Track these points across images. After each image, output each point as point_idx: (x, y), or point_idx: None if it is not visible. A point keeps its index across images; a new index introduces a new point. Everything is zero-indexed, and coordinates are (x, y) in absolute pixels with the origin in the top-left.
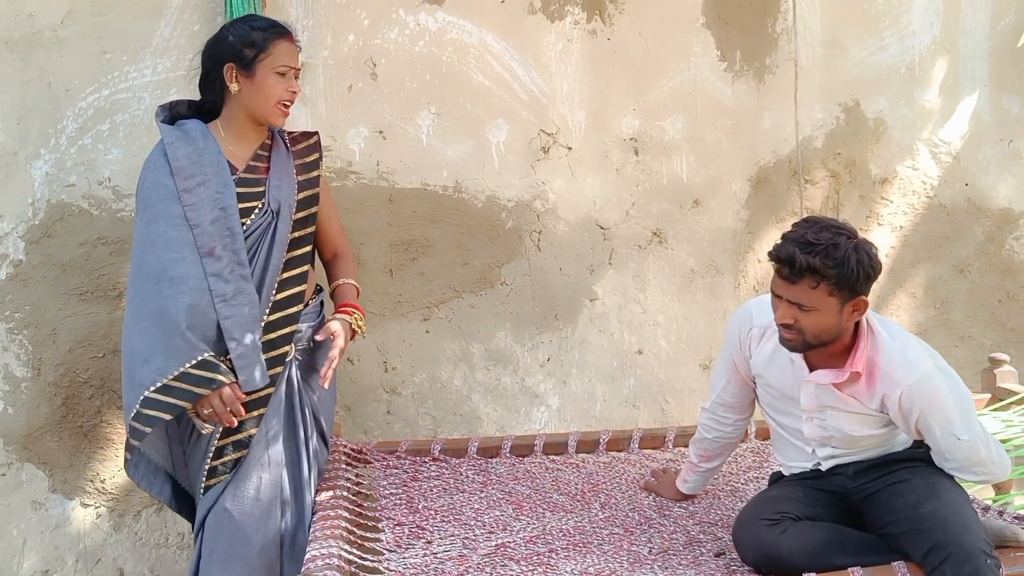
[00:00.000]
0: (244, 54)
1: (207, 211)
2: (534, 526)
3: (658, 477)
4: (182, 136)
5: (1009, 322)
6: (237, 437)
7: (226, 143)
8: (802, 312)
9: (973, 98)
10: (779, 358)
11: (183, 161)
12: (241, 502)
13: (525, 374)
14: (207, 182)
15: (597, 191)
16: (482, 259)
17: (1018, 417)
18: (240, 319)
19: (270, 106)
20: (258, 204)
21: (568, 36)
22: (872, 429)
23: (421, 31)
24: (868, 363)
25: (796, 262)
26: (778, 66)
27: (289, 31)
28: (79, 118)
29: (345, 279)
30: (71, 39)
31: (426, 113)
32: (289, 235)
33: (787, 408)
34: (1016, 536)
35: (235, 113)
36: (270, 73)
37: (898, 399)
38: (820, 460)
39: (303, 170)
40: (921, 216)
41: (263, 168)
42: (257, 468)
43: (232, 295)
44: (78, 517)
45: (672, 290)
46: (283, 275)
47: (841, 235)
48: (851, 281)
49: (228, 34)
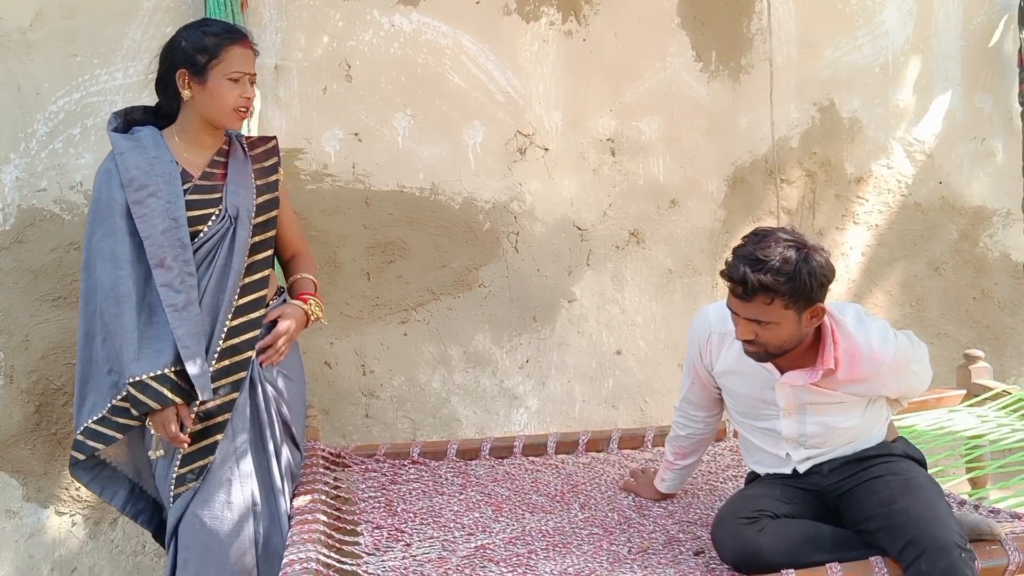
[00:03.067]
0: (196, 60)
1: (158, 222)
2: (514, 527)
3: (637, 477)
4: (133, 145)
5: (983, 319)
6: (204, 443)
7: (181, 150)
8: (761, 327)
9: (946, 97)
10: (745, 362)
11: (134, 172)
12: (212, 509)
13: (504, 376)
14: (158, 193)
15: (574, 192)
16: (459, 261)
17: (993, 413)
18: (190, 327)
19: (224, 112)
20: (215, 211)
21: (544, 37)
22: (853, 418)
23: (396, 32)
24: (845, 352)
25: (748, 282)
26: (753, 66)
27: (244, 35)
28: (50, 122)
29: (302, 274)
30: (40, 42)
31: (402, 115)
32: (249, 240)
33: (758, 411)
34: (991, 529)
35: (190, 119)
36: (223, 79)
37: (881, 373)
38: (795, 464)
39: (261, 175)
40: (896, 214)
41: (220, 174)
42: (227, 474)
43: (183, 305)
44: (53, 525)
45: (650, 290)
46: (245, 280)
47: (791, 248)
48: (805, 292)
49: (181, 39)
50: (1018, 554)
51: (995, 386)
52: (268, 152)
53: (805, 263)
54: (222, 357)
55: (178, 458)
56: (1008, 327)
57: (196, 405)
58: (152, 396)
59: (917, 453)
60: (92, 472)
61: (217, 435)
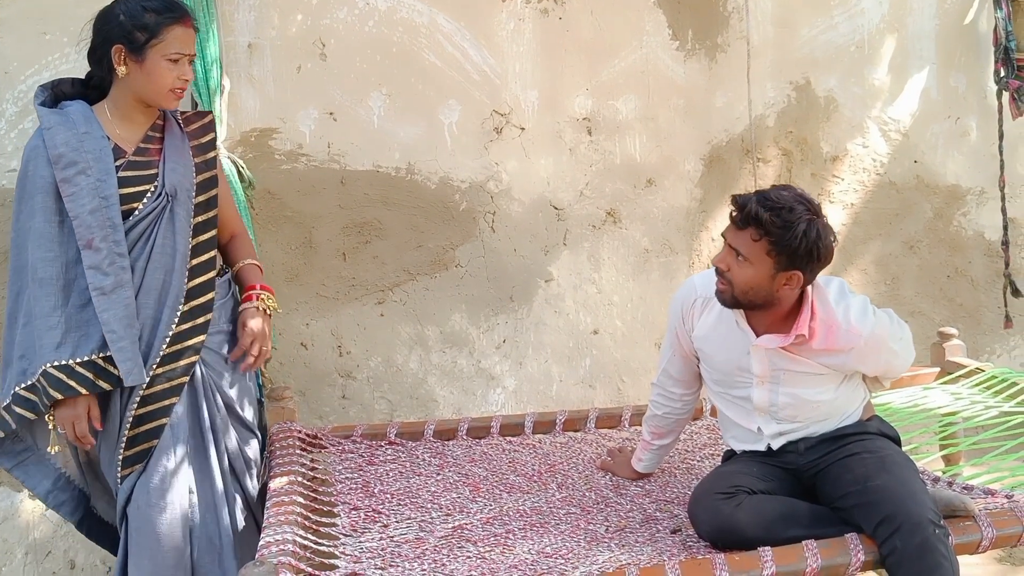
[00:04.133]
0: (135, 37)
1: (87, 201)
2: (491, 507)
3: (614, 456)
4: (62, 121)
5: (957, 297)
6: (149, 426)
7: (113, 126)
8: (737, 261)
9: (922, 76)
10: (723, 325)
11: (62, 148)
12: (149, 494)
13: (481, 356)
14: (87, 170)
15: (551, 171)
16: (436, 241)
17: (967, 390)
18: (119, 311)
19: (161, 93)
20: (150, 187)
21: (520, 16)
22: (826, 392)
23: (371, 11)
24: (822, 323)
25: (747, 208)
26: (730, 45)
27: (186, 13)
28: (19, 101)
29: (246, 260)
30: (9, 20)
31: (377, 94)
32: (192, 220)
33: (733, 379)
34: (964, 505)
35: (122, 95)
36: (161, 60)
37: (859, 348)
38: (768, 440)
39: (199, 151)
40: (871, 193)
41: (155, 150)
42: (162, 458)
43: (111, 288)
44: (26, 510)
45: (627, 270)
46: (192, 262)
47: (802, 205)
48: (791, 248)
49: (119, 12)
50: (991, 530)
51: (969, 363)
52: (204, 128)
53: (807, 225)
54: (174, 342)
55: (123, 440)
56: (982, 305)
57: (141, 389)
58: (79, 381)
59: (892, 431)
60: (16, 457)
61: (163, 418)
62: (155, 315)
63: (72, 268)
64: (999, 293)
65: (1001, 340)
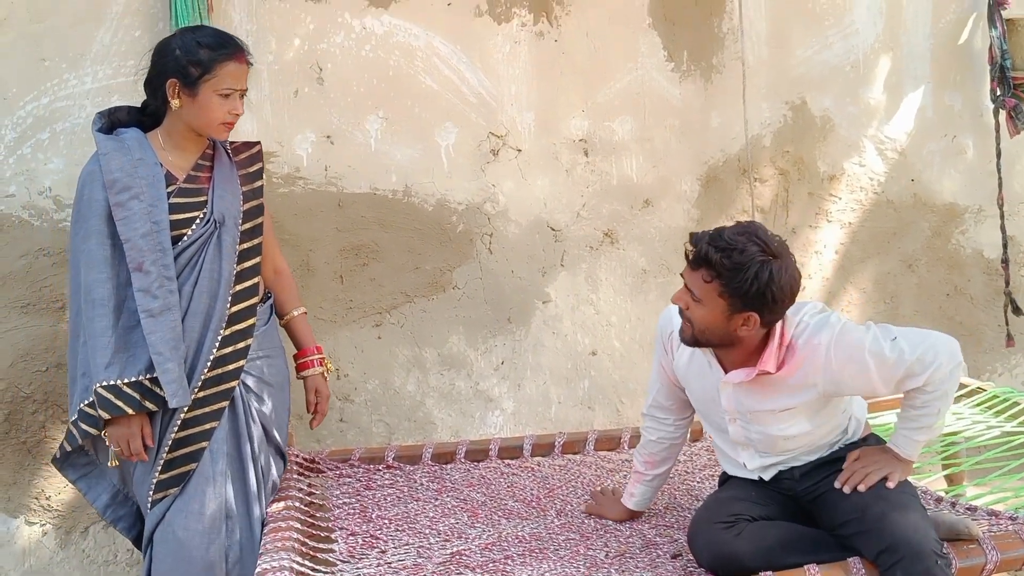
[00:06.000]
0: (189, 72)
1: (139, 225)
2: (489, 533)
3: (598, 499)
4: (117, 147)
5: (957, 315)
6: (188, 450)
7: (165, 153)
8: (693, 301)
9: (917, 95)
10: (696, 360)
11: (117, 173)
12: (186, 518)
13: (479, 378)
14: (140, 195)
15: (547, 193)
16: (433, 263)
17: (968, 409)
18: (165, 334)
19: (212, 125)
20: (199, 214)
21: (515, 38)
22: (795, 427)
23: (367, 35)
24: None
25: (699, 248)
26: (725, 65)
27: (240, 49)
28: (18, 127)
29: (295, 310)
30: (8, 46)
31: (374, 117)
32: (237, 247)
33: (709, 411)
34: (968, 529)
35: (175, 125)
36: (213, 95)
37: (825, 361)
38: (756, 473)
39: (247, 180)
40: (869, 212)
41: (204, 178)
42: (203, 483)
43: (159, 311)
44: (23, 535)
45: (624, 291)
46: (235, 288)
47: (757, 247)
48: (742, 291)
49: (175, 46)
50: (995, 553)
51: (970, 383)
52: (252, 158)
53: (760, 267)
54: (215, 366)
55: (160, 463)
56: (981, 323)
57: (182, 412)
58: (126, 401)
59: None
60: (81, 470)
61: (203, 442)
62: (199, 339)
63: (123, 290)
64: (999, 311)
65: (1002, 359)
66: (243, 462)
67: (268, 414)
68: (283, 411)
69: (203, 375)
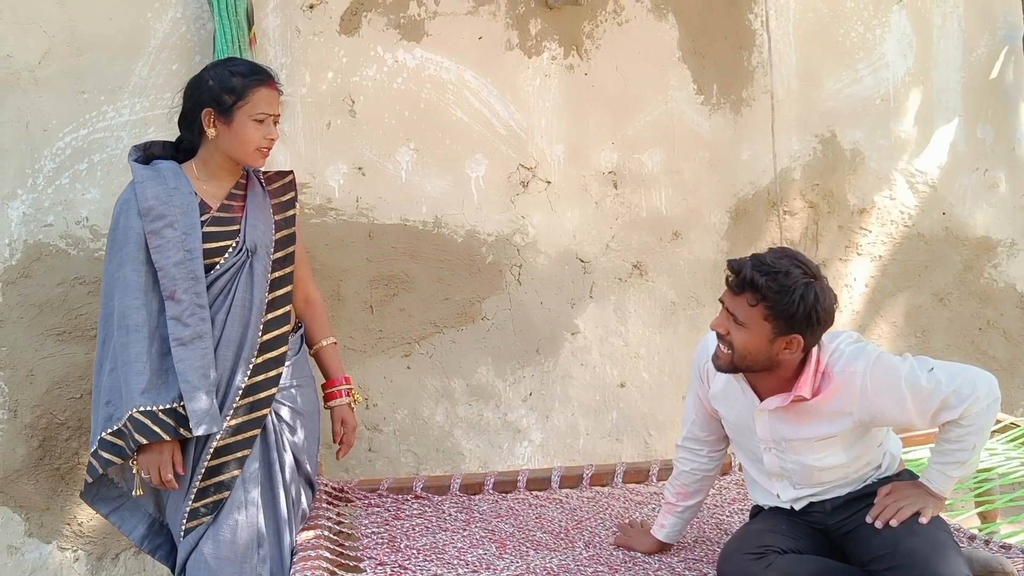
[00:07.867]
0: (223, 100)
1: (172, 253)
2: (517, 565)
3: (627, 531)
4: (153, 176)
5: (989, 350)
6: (220, 478)
7: (200, 182)
8: (736, 326)
9: (949, 128)
10: (732, 388)
11: (152, 201)
12: (218, 547)
13: (507, 409)
14: (175, 223)
15: (577, 224)
16: (462, 294)
17: (1001, 446)
18: (194, 362)
19: (248, 152)
20: (232, 243)
21: (545, 71)
22: (831, 457)
23: (399, 68)
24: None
25: (743, 273)
26: (755, 99)
27: (271, 77)
28: (56, 158)
29: (325, 339)
30: (48, 79)
31: (405, 149)
32: (269, 275)
33: (744, 440)
34: (1003, 567)
35: (211, 154)
36: (248, 121)
37: (861, 388)
38: (789, 503)
39: (279, 209)
40: (900, 245)
41: (238, 207)
42: (235, 511)
43: (189, 339)
44: (55, 561)
45: (653, 323)
46: (267, 316)
47: (799, 268)
48: (789, 313)
49: (208, 77)
50: None
51: (1003, 418)
52: (286, 187)
53: (805, 288)
54: (246, 394)
55: (193, 491)
56: (1015, 358)
57: (215, 440)
58: (162, 427)
59: None
60: (113, 503)
61: (235, 470)
62: (231, 367)
63: (156, 317)
64: None
65: None
66: (275, 491)
67: (299, 443)
68: (313, 440)
69: (235, 403)
